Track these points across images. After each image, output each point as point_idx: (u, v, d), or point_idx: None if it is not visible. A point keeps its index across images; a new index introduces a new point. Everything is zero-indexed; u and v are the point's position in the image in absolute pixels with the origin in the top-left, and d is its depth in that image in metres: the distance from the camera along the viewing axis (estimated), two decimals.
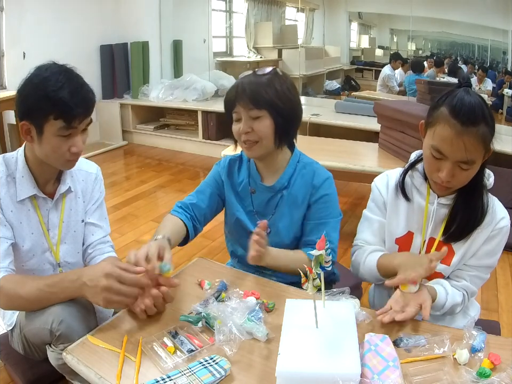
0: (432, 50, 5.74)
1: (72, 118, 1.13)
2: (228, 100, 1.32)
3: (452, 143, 1.05)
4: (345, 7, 6.17)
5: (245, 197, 1.44)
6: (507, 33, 4.78)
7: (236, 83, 1.32)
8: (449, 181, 1.10)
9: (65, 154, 1.18)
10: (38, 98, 1.12)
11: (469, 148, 1.04)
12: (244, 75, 1.33)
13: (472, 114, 1.04)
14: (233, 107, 1.30)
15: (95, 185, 1.41)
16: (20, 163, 1.24)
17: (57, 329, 1.10)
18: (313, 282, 0.95)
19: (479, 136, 1.04)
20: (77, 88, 1.14)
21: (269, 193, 1.41)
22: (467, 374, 0.88)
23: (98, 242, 1.38)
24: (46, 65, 1.17)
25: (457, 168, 1.08)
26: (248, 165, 1.45)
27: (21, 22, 4.12)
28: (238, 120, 1.31)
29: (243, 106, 1.28)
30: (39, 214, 1.27)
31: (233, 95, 1.30)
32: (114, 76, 5.08)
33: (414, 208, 1.24)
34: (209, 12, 5.77)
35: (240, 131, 1.30)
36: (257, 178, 1.42)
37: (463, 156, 1.05)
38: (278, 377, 0.87)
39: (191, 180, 4.11)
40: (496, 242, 1.17)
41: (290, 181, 1.40)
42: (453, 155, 1.06)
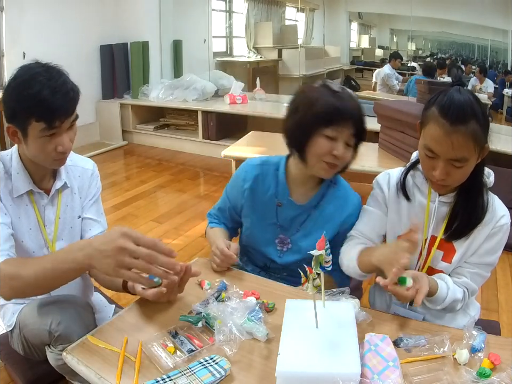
0: (432, 50, 5.74)
1: (53, 119, 1.12)
2: (327, 114, 1.21)
3: (441, 142, 1.07)
4: (345, 7, 6.17)
5: (269, 208, 1.40)
6: (507, 33, 4.78)
7: (338, 97, 1.22)
8: (444, 179, 1.11)
9: (51, 154, 1.18)
10: (18, 101, 1.12)
11: (458, 146, 1.05)
12: (334, 87, 1.24)
13: (461, 113, 1.05)
14: (331, 125, 1.22)
15: (92, 181, 1.41)
16: (14, 160, 1.25)
17: (56, 330, 1.10)
18: (313, 282, 0.95)
19: (469, 134, 1.04)
20: (55, 88, 1.11)
21: (296, 210, 1.37)
22: (467, 374, 0.88)
23: None
24: (27, 66, 1.16)
25: (450, 166, 1.09)
26: (275, 174, 1.39)
27: (21, 22, 4.12)
28: (330, 139, 1.23)
29: (347, 129, 1.22)
30: (36, 209, 1.28)
31: (337, 113, 1.21)
32: (114, 76, 5.08)
33: (416, 206, 1.25)
34: (209, 12, 5.77)
35: (338, 154, 1.23)
36: (285, 192, 1.37)
37: (453, 154, 1.06)
38: (278, 377, 0.87)
39: (191, 180, 4.11)
40: (496, 240, 1.18)
41: (321, 201, 1.37)
42: (443, 154, 1.08)
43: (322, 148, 1.23)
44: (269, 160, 1.42)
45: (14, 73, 1.15)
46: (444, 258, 1.22)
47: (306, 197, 1.37)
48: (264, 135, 3.38)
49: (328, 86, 1.25)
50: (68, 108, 1.15)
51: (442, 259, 1.22)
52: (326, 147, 1.23)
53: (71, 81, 1.18)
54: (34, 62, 1.17)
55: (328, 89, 1.24)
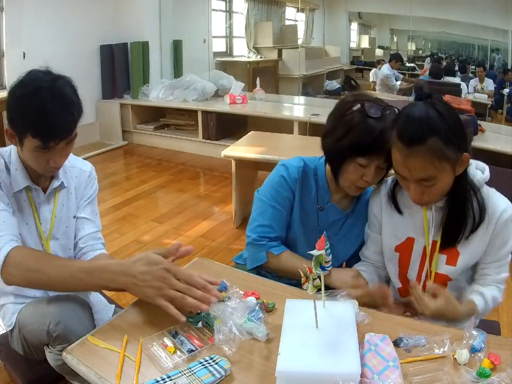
0: (432, 50, 5.74)
1: (48, 140, 1.11)
2: (361, 146, 1.19)
3: (402, 166, 1.06)
4: (345, 7, 6.17)
5: (311, 212, 1.38)
6: (507, 33, 4.78)
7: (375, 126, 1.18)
8: (418, 199, 1.10)
9: (45, 166, 1.19)
10: (17, 113, 1.12)
11: (419, 167, 1.03)
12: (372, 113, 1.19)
13: (415, 133, 1.01)
14: (365, 155, 1.20)
15: (88, 183, 1.41)
16: (13, 156, 1.26)
17: (54, 330, 1.10)
18: (313, 282, 0.95)
19: (429, 153, 1.01)
20: (56, 109, 1.09)
21: (337, 215, 1.38)
22: (467, 374, 0.88)
23: (89, 237, 1.37)
24: (35, 73, 1.14)
25: (421, 186, 1.07)
26: (315, 178, 1.38)
27: (21, 22, 4.12)
28: (362, 166, 1.22)
29: (379, 157, 1.20)
30: (33, 206, 1.28)
31: (372, 145, 1.18)
32: (114, 76, 5.08)
33: (412, 213, 1.24)
34: (209, 11, 5.77)
35: (369, 180, 1.24)
36: (326, 195, 1.37)
37: (419, 175, 1.04)
38: (278, 377, 0.87)
39: (191, 180, 4.11)
40: (505, 233, 1.16)
41: (356, 206, 1.40)
42: (409, 176, 1.06)
43: (354, 174, 1.24)
44: (307, 163, 1.39)
45: (22, 77, 1.14)
46: (448, 261, 1.21)
47: (344, 202, 1.38)
48: (264, 135, 3.38)
49: (367, 112, 1.20)
50: (66, 130, 1.14)
51: (447, 263, 1.21)
52: (357, 173, 1.24)
53: (75, 98, 1.15)
54: (43, 70, 1.15)
55: (365, 115, 1.20)
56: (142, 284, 1.03)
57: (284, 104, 5.22)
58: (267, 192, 1.38)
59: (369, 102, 1.21)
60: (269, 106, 4.86)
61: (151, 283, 1.03)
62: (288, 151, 2.79)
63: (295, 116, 4.45)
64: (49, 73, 1.15)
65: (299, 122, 4.14)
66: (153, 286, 1.03)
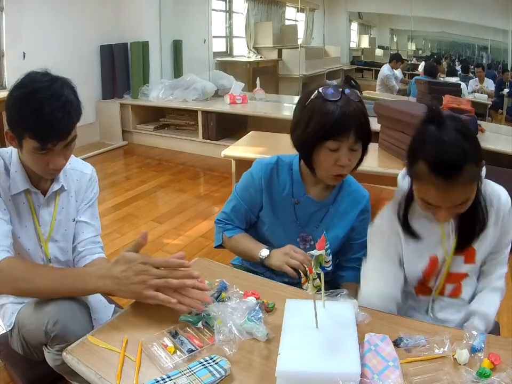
0: (432, 50, 5.74)
1: (46, 141, 1.11)
2: (324, 129, 1.18)
3: (440, 198, 1.02)
4: (345, 7, 6.17)
5: (287, 207, 1.39)
6: (507, 33, 4.78)
7: (335, 108, 1.17)
8: (449, 219, 1.10)
9: (44, 168, 1.19)
10: (16, 114, 1.12)
11: (459, 195, 1.02)
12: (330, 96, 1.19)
13: (454, 166, 0.97)
14: (331, 138, 1.19)
15: (89, 186, 1.41)
16: (13, 158, 1.25)
17: (52, 330, 1.11)
18: (313, 282, 0.95)
19: (467, 180, 0.99)
20: (53, 110, 1.08)
21: (314, 207, 1.38)
22: (467, 374, 0.88)
23: (88, 242, 1.37)
24: (33, 75, 1.13)
25: (453, 208, 1.05)
26: (290, 173, 1.38)
27: (21, 22, 4.12)
28: (332, 151, 1.21)
29: (348, 137, 1.19)
30: (32, 208, 1.28)
31: (335, 126, 1.17)
32: (114, 76, 5.08)
33: (430, 233, 1.19)
34: (209, 11, 5.77)
35: (343, 164, 1.21)
36: (301, 189, 1.37)
37: (456, 201, 1.03)
38: (278, 377, 0.87)
39: (191, 180, 4.11)
40: (507, 220, 1.17)
41: (337, 197, 1.39)
42: (445, 203, 1.03)
43: (326, 160, 1.23)
44: (281, 159, 1.41)
45: (20, 79, 1.14)
46: (466, 260, 1.20)
47: (323, 194, 1.38)
48: (264, 135, 3.38)
49: (324, 96, 1.19)
50: (63, 131, 1.13)
51: (465, 261, 1.20)
52: (330, 159, 1.22)
53: (73, 99, 1.14)
54: (41, 72, 1.15)
55: (324, 100, 1.19)
56: (126, 282, 1.06)
57: (284, 104, 5.21)
58: (239, 185, 1.46)
59: (326, 87, 1.21)
60: (269, 106, 4.86)
61: (134, 279, 1.06)
62: (288, 151, 2.77)
63: None
64: (47, 74, 1.15)
65: None
66: (137, 282, 1.05)
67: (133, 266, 1.06)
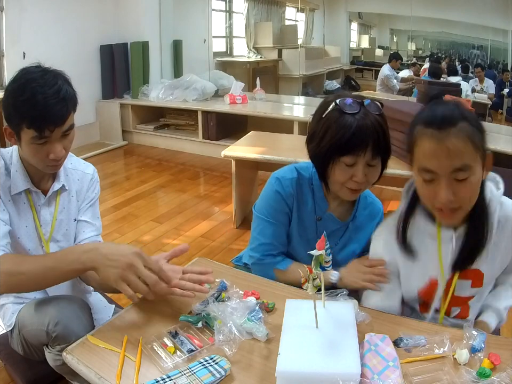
0: (432, 50, 5.74)
1: (42, 128, 1.11)
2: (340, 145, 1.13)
3: (436, 154, 0.95)
4: (345, 7, 6.17)
5: (309, 224, 1.33)
6: (507, 33, 4.78)
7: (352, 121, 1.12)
8: (451, 201, 0.97)
9: (44, 160, 1.18)
10: (12, 106, 1.12)
11: (455, 150, 0.94)
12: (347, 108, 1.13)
13: (448, 115, 0.96)
14: (347, 153, 1.13)
15: (90, 186, 1.41)
16: (14, 158, 1.25)
17: (53, 330, 1.10)
18: (313, 282, 0.95)
19: (462, 134, 0.94)
20: (46, 97, 1.09)
21: (336, 225, 1.33)
22: (467, 374, 0.88)
23: (89, 241, 1.37)
24: (26, 69, 1.15)
25: (454, 182, 0.96)
26: (311, 187, 1.32)
27: (21, 22, 4.12)
28: (349, 166, 1.16)
29: (365, 153, 1.13)
30: (33, 208, 1.28)
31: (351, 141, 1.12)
32: (114, 75, 5.08)
33: (430, 253, 1.12)
34: (209, 11, 5.77)
35: (359, 180, 1.16)
36: (324, 205, 1.31)
37: (453, 163, 0.95)
38: (278, 377, 0.87)
39: (191, 180, 4.11)
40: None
41: (356, 213, 1.35)
42: (442, 167, 0.96)
43: (342, 175, 1.17)
44: (301, 173, 1.33)
45: (14, 75, 1.15)
46: (473, 284, 1.14)
47: (342, 209, 1.33)
48: (264, 135, 3.38)
49: (341, 108, 1.14)
50: (58, 117, 1.13)
51: (472, 285, 1.14)
52: (346, 174, 1.17)
53: (67, 88, 1.15)
54: (34, 66, 1.16)
55: (341, 112, 1.14)
56: (108, 263, 1.01)
57: (284, 104, 5.22)
58: (263, 208, 1.35)
59: (344, 98, 1.15)
60: (269, 106, 4.86)
61: (117, 264, 1.01)
62: (288, 151, 2.79)
63: (295, 115, 4.45)
64: (40, 66, 1.16)
65: (299, 122, 4.14)
66: (117, 267, 1.00)
67: (125, 254, 1.02)
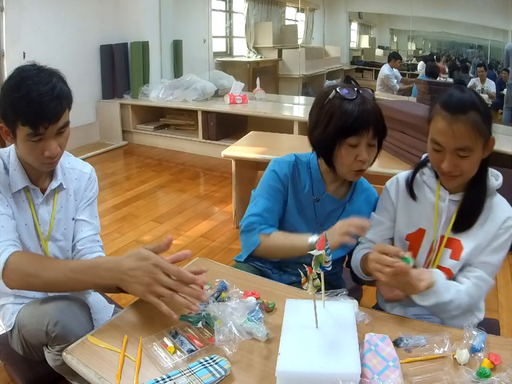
0: (432, 50, 5.74)
1: (37, 125, 1.11)
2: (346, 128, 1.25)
3: (445, 133, 1.12)
4: (345, 7, 6.16)
5: (307, 205, 1.41)
6: (507, 33, 4.78)
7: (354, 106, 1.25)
8: (452, 170, 1.14)
9: (40, 157, 1.18)
10: (7, 104, 1.13)
11: (460, 134, 1.10)
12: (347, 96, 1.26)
13: (460, 104, 1.11)
14: (352, 134, 1.25)
15: (88, 185, 1.41)
16: (12, 157, 1.26)
17: (53, 330, 1.11)
18: (313, 282, 0.95)
19: (469, 123, 1.10)
20: (41, 94, 1.10)
21: (333, 205, 1.41)
22: (467, 374, 0.88)
23: (88, 240, 1.37)
24: (22, 67, 1.16)
25: (456, 157, 1.12)
26: (309, 171, 1.41)
27: (21, 22, 4.12)
28: (353, 147, 1.27)
29: (367, 133, 1.26)
30: (31, 207, 1.28)
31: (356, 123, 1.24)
32: (114, 75, 5.08)
33: (426, 205, 1.27)
34: (209, 11, 5.77)
35: (363, 158, 1.28)
36: (321, 187, 1.40)
37: (457, 143, 1.11)
38: (278, 377, 0.87)
39: (191, 180, 4.11)
40: (502, 240, 1.19)
41: (353, 195, 1.43)
42: (448, 144, 1.12)
43: (347, 156, 1.28)
44: (299, 158, 1.43)
45: (10, 73, 1.16)
46: (452, 255, 1.23)
47: (341, 191, 1.42)
48: (264, 135, 3.38)
49: (342, 96, 1.26)
50: (53, 114, 1.13)
51: (451, 257, 1.23)
52: (351, 155, 1.27)
53: (62, 86, 1.16)
54: (30, 64, 1.17)
55: (342, 99, 1.26)
56: (131, 280, 1.04)
57: (284, 104, 5.22)
58: (260, 187, 1.43)
59: (342, 87, 1.28)
60: (269, 106, 4.86)
61: (141, 279, 1.03)
62: (288, 151, 2.76)
63: (295, 115, 4.45)
64: (35, 65, 1.17)
65: (299, 122, 4.14)
66: (142, 283, 1.03)
67: (144, 265, 1.04)
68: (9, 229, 1.18)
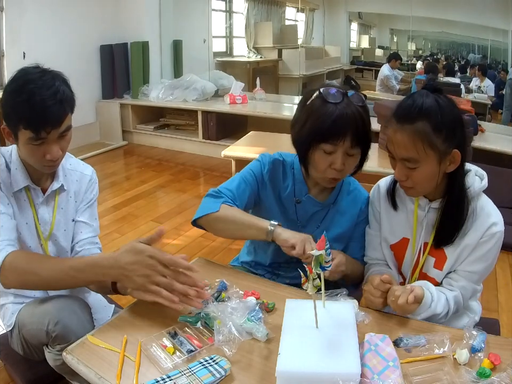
0: (432, 50, 5.75)
1: (39, 129, 1.11)
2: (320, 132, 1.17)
3: (391, 141, 1.10)
4: (345, 7, 6.17)
5: (289, 206, 1.38)
6: (507, 33, 4.79)
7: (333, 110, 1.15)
8: (402, 180, 1.12)
9: (41, 160, 1.19)
10: (9, 107, 1.13)
11: (403, 144, 1.06)
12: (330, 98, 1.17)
13: (407, 113, 1.06)
14: (327, 140, 1.17)
15: (89, 187, 1.41)
16: (14, 156, 1.26)
17: (53, 330, 1.11)
18: (313, 282, 0.95)
19: (415, 133, 1.04)
20: (43, 98, 1.10)
21: (316, 207, 1.37)
22: (467, 374, 0.88)
23: (86, 242, 1.37)
24: (25, 69, 1.16)
25: (404, 167, 1.09)
26: (292, 172, 1.37)
27: (21, 22, 4.12)
28: (328, 153, 1.19)
29: (344, 142, 1.16)
30: (32, 206, 1.29)
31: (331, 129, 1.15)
32: (114, 75, 5.08)
33: (407, 214, 1.24)
34: (209, 11, 5.77)
35: (337, 167, 1.20)
36: (303, 188, 1.36)
37: (402, 153, 1.07)
38: (278, 377, 0.87)
39: (191, 180, 4.11)
40: (487, 248, 1.13)
41: (338, 197, 1.38)
42: (395, 153, 1.10)
43: (321, 162, 1.21)
44: (285, 158, 1.40)
45: (13, 75, 1.16)
46: (435, 265, 1.21)
47: (324, 194, 1.37)
48: (264, 135, 3.38)
49: (324, 97, 1.18)
50: (55, 119, 1.13)
51: (434, 266, 1.21)
52: (325, 162, 1.21)
53: (65, 89, 1.16)
54: (33, 66, 1.17)
55: (324, 100, 1.18)
56: (131, 274, 1.06)
57: (284, 104, 5.22)
58: (246, 170, 1.43)
59: (328, 88, 1.19)
60: (269, 106, 4.86)
61: (140, 272, 1.06)
62: (288, 151, 2.79)
63: None
64: (38, 67, 1.17)
65: None
66: (142, 275, 1.06)
67: (140, 258, 1.06)
68: (9, 229, 1.18)
